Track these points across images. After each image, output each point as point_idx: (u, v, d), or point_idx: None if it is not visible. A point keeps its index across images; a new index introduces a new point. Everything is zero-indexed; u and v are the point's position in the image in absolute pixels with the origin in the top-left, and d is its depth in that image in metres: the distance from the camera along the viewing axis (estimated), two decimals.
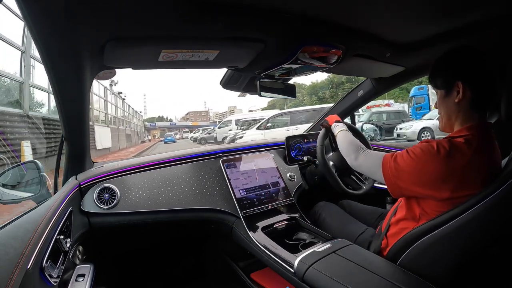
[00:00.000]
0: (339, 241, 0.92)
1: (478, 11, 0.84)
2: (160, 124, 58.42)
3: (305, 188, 1.35)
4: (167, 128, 51.76)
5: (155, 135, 47.54)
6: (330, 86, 22.61)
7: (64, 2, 0.56)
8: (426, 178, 0.73)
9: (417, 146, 0.76)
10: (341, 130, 1.11)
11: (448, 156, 0.70)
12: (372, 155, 0.89)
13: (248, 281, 1.17)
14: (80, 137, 1.03)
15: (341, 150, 1.03)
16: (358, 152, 0.93)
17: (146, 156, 1.30)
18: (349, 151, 0.97)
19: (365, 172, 0.94)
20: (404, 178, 0.76)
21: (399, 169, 0.77)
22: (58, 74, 0.77)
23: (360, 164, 0.92)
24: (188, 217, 1.12)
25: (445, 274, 0.72)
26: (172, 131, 44.47)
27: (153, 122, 59.92)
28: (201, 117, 79.09)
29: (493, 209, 0.65)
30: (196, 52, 0.86)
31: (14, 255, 0.50)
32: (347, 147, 1.00)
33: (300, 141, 1.50)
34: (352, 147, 0.97)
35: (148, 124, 50.51)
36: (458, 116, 0.77)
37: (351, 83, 20.85)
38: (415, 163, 0.74)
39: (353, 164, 0.94)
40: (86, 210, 0.98)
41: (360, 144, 0.98)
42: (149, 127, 49.16)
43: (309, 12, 0.78)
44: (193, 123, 55.63)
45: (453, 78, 0.75)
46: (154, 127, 52.37)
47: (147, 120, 61.66)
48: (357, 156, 0.93)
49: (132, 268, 1.41)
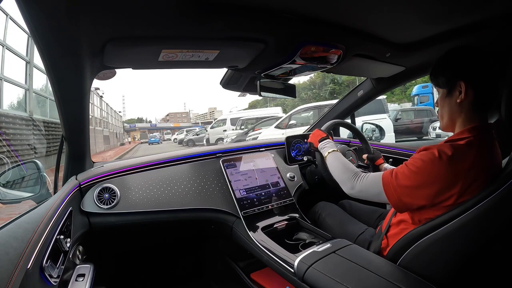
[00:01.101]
0: (339, 241, 0.92)
1: (478, 11, 0.83)
2: (140, 125, 55.74)
3: (305, 188, 1.35)
4: (147, 129, 49.78)
5: (135, 136, 45.50)
6: (312, 87, 22.63)
7: (65, 2, 0.56)
8: (432, 189, 0.71)
9: (417, 157, 0.74)
10: (329, 152, 1.01)
11: (451, 160, 0.69)
12: (369, 179, 0.83)
13: (248, 281, 1.17)
14: (80, 137, 1.03)
15: (334, 176, 0.95)
16: (353, 179, 0.86)
17: (146, 156, 1.30)
18: (343, 180, 0.90)
19: (366, 198, 0.86)
20: (409, 194, 0.74)
21: (402, 186, 0.75)
22: (58, 74, 0.77)
23: (359, 191, 0.85)
24: (188, 217, 1.12)
25: (445, 274, 0.72)
26: (153, 132, 41.96)
27: (133, 124, 57.19)
28: (182, 118, 75.28)
29: (493, 209, 0.65)
30: (196, 52, 0.86)
31: (14, 255, 0.50)
32: (340, 175, 0.92)
33: (300, 141, 1.50)
34: (346, 175, 0.89)
35: (127, 126, 48.44)
36: (460, 116, 0.76)
37: (333, 83, 20.72)
38: (419, 177, 0.72)
39: (351, 193, 0.88)
40: (86, 210, 0.98)
41: (352, 168, 0.91)
42: (129, 129, 47.34)
43: (309, 12, 0.78)
44: (174, 124, 53.21)
45: (455, 78, 0.74)
46: (134, 128, 49.78)
47: (126, 122, 58.22)
48: (353, 184, 0.86)
49: (132, 268, 1.41)
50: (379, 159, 1.22)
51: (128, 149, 17.43)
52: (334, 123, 1.21)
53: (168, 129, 47.08)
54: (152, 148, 20.94)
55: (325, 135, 1.09)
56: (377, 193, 0.80)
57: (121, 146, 24.58)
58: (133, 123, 61.78)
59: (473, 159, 0.69)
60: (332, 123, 1.21)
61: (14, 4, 0.54)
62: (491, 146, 0.74)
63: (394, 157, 1.39)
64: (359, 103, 1.66)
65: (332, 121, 1.22)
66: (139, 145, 27.87)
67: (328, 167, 0.99)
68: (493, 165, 0.73)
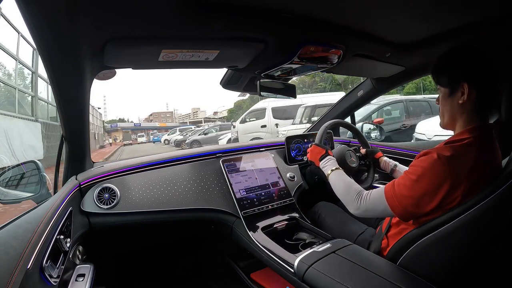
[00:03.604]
0: (339, 241, 0.92)
1: (478, 11, 0.83)
2: (123, 125, 48.01)
3: (305, 188, 1.35)
4: (130, 129, 42.83)
5: (117, 138, 39.14)
6: (301, 86, 22.65)
7: (65, 2, 0.56)
8: (437, 195, 0.70)
9: (418, 165, 0.74)
10: (332, 169, 0.99)
11: (452, 163, 0.69)
12: (372, 197, 0.82)
13: (248, 281, 1.17)
14: (80, 137, 1.03)
15: (338, 196, 0.94)
16: (357, 200, 0.85)
17: (146, 156, 1.30)
18: (347, 201, 0.89)
19: (374, 216, 0.85)
20: (414, 204, 0.73)
21: (406, 198, 0.74)
22: (58, 74, 0.77)
23: (365, 211, 0.84)
24: (188, 217, 1.12)
25: (445, 274, 0.72)
26: (137, 133, 38.47)
27: (114, 123, 48.81)
28: (166, 118, 70.41)
29: (494, 209, 0.65)
30: (196, 52, 0.86)
31: (14, 255, 0.50)
32: (344, 196, 0.91)
33: (300, 141, 1.50)
34: (349, 196, 0.88)
35: (108, 126, 42.06)
36: (461, 117, 0.75)
37: (324, 82, 20.54)
38: (422, 185, 0.71)
39: (356, 213, 0.86)
40: (86, 210, 0.98)
41: (356, 187, 0.89)
42: (110, 129, 40.96)
43: (309, 12, 0.78)
44: (160, 124, 47.72)
45: (459, 79, 0.73)
46: (116, 128, 42.83)
47: (107, 123, 50.24)
48: (358, 205, 0.84)
49: (132, 268, 1.41)
50: (378, 152, 1.23)
51: (109, 154, 14.31)
52: (325, 129, 1.16)
53: (154, 129, 42.87)
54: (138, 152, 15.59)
55: (324, 151, 1.06)
56: (383, 209, 0.78)
57: (101, 149, 20.38)
58: (115, 123, 53.09)
59: (474, 159, 0.69)
60: (323, 130, 1.15)
61: (14, 5, 0.54)
62: (492, 146, 0.74)
63: (394, 157, 1.39)
64: (359, 103, 1.66)
65: (323, 127, 1.17)
66: (122, 147, 23.25)
67: (330, 184, 0.98)
68: (493, 165, 0.73)
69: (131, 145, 29.35)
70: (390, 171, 1.17)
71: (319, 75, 19.68)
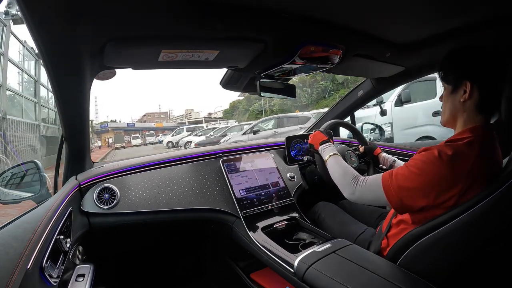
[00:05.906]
0: (339, 241, 0.92)
1: (478, 11, 0.83)
2: (114, 125, 41.10)
3: (305, 188, 1.35)
4: (123, 130, 37.79)
5: (108, 139, 33.94)
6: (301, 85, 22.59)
7: (65, 2, 0.56)
8: (433, 190, 0.71)
9: (418, 158, 0.74)
10: (330, 155, 1.01)
11: (452, 161, 0.69)
12: (368, 183, 0.83)
13: (248, 281, 1.17)
14: (80, 137, 1.03)
15: (334, 180, 0.95)
16: (353, 184, 0.86)
17: (146, 156, 1.30)
18: (343, 185, 0.90)
19: (367, 203, 0.86)
20: (410, 195, 0.74)
21: (403, 188, 0.75)
22: (58, 74, 0.77)
23: (359, 197, 0.85)
24: (188, 217, 1.12)
25: (445, 274, 0.72)
26: (131, 134, 34.14)
27: (105, 124, 42.20)
28: (160, 119, 65.81)
29: (494, 208, 0.65)
30: (196, 52, 0.86)
31: (14, 255, 0.50)
32: (340, 180, 0.92)
33: (300, 141, 1.50)
34: (345, 179, 0.89)
35: (98, 126, 37.32)
36: (462, 115, 0.76)
37: (325, 81, 20.44)
38: (420, 178, 0.72)
39: (352, 198, 0.87)
40: (86, 210, 0.98)
41: (352, 172, 0.90)
42: (100, 130, 36.36)
43: (309, 12, 0.78)
44: (156, 124, 42.18)
45: (462, 77, 0.73)
46: (106, 129, 37.38)
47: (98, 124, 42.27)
48: (353, 189, 0.85)
49: (132, 268, 1.41)
50: (377, 149, 1.25)
51: (99, 159, 11.14)
52: (333, 123, 1.24)
53: (150, 129, 37.13)
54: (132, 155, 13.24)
55: (326, 138, 1.09)
56: (378, 196, 0.79)
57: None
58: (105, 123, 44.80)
59: (474, 159, 0.69)
60: (331, 122, 1.23)
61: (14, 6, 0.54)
62: (492, 146, 0.74)
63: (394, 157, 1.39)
64: (358, 103, 1.66)
65: (332, 120, 1.25)
66: (114, 151, 20.65)
67: (328, 170, 0.99)
68: (493, 165, 0.73)
69: (123, 148, 25.23)
70: (389, 166, 1.18)
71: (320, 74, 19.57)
